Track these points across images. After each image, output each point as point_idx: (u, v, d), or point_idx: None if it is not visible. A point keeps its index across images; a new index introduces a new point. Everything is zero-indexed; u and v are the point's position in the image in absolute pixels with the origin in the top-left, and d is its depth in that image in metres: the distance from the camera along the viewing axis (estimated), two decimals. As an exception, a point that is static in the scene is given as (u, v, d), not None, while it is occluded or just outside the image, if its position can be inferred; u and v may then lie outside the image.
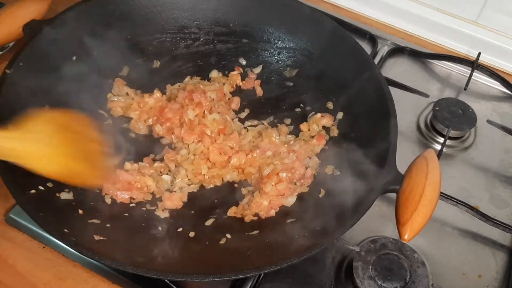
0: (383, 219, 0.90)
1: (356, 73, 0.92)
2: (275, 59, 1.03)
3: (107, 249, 0.70)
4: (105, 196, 0.82)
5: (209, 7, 1.03)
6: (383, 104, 0.84)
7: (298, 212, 0.83)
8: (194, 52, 1.03)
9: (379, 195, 0.74)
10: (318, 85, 0.98)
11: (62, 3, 0.95)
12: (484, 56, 1.17)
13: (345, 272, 0.82)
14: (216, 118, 0.92)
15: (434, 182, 0.73)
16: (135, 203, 0.83)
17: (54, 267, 0.79)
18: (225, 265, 0.72)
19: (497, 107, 1.12)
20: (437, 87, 1.15)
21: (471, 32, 1.19)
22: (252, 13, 1.02)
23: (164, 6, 1.01)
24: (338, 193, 0.83)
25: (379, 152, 0.79)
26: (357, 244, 0.82)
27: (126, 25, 0.98)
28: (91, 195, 0.81)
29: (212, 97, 0.95)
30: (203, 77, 1.01)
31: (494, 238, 0.90)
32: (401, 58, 1.19)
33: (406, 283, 0.78)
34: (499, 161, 1.02)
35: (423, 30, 1.24)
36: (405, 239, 0.70)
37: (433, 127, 1.05)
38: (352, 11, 1.27)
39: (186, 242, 0.78)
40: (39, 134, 0.71)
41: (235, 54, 1.04)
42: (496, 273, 0.86)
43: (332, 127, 0.93)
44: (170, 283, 0.76)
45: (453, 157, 1.02)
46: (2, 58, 1.02)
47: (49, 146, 0.72)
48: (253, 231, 0.80)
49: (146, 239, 0.78)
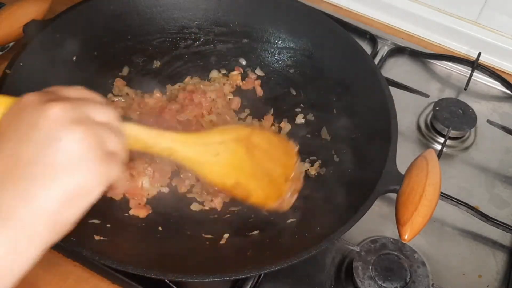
0: (383, 219, 0.90)
1: (356, 73, 0.92)
2: (275, 59, 1.03)
3: (107, 249, 0.70)
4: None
5: (209, 7, 1.03)
6: (383, 104, 0.84)
7: (298, 212, 0.83)
8: (194, 52, 1.03)
9: (379, 195, 0.74)
10: (318, 85, 0.98)
11: (62, 3, 0.95)
12: (484, 56, 1.16)
13: (345, 272, 0.82)
14: (213, 119, 0.92)
15: (434, 182, 0.73)
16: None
17: (54, 267, 0.79)
18: (225, 265, 0.72)
19: (497, 107, 1.12)
20: (437, 87, 1.15)
21: (471, 32, 1.19)
22: (252, 13, 1.02)
23: (164, 6, 1.01)
24: (338, 193, 0.83)
25: (379, 152, 0.79)
26: (357, 244, 0.82)
27: (126, 25, 0.98)
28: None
29: (212, 97, 0.95)
30: (203, 77, 1.01)
31: (494, 238, 0.90)
32: (401, 58, 1.19)
33: (406, 283, 0.78)
34: (499, 161, 1.02)
35: (423, 30, 1.24)
36: (405, 239, 0.70)
37: (433, 127, 1.05)
38: (352, 11, 1.27)
39: (186, 242, 0.79)
40: (222, 145, 0.67)
41: (235, 54, 1.04)
42: (496, 273, 0.86)
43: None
44: (170, 283, 0.76)
45: (453, 157, 1.02)
46: (2, 58, 1.02)
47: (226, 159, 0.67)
48: (253, 231, 0.80)
49: (146, 239, 0.78)
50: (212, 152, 0.66)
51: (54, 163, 0.46)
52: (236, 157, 0.68)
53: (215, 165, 0.66)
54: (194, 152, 0.64)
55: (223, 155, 0.66)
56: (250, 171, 0.69)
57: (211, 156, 0.65)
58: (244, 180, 0.69)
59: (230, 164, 0.67)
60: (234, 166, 0.68)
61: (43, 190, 0.46)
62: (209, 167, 0.66)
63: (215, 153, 0.66)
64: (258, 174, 0.70)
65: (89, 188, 0.49)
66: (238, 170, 0.68)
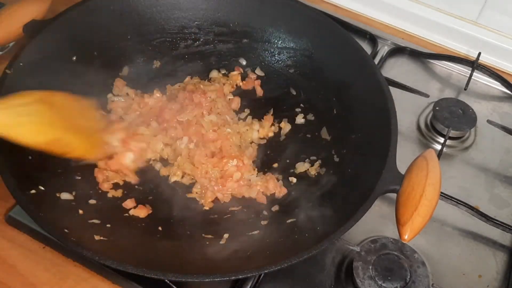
0: (383, 219, 0.90)
1: (356, 73, 0.92)
2: (275, 59, 1.03)
3: (107, 249, 0.70)
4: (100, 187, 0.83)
5: (209, 7, 1.03)
6: (383, 104, 0.84)
7: (298, 212, 0.83)
8: (194, 52, 1.03)
9: (379, 195, 0.74)
10: (318, 85, 0.98)
11: (62, 3, 0.95)
12: (484, 56, 1.16)
13: (345, 272, 0.82)
14: (213, 119, 0.92)
15: (434, 182, 0.73)
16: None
17: (54, 267, 0.79)
18: (225, 265, 0.72)
19: (497, 107, 1.12)
20: (437, 87, 1.15)
21: (471, 32, 1.19)
22: (252, 13, 1.02)
23: (164, 6, 1.01)
24: (338, 193, 0.83)
25: (379, 152, 0.79)
26: (357, 244, 0.82)
27: (126, 25, 0.98)
28: (92, 195, 0.81)
29: (212, 97, 0.95)
30: (203, 77, 1.01)
31: (494, 238, 0.90)
32: (401, 58, 1.19)
33: (406, 283, 0.78)
34: (499, 161, 1.02)
35: (423, 30, 1.24)
36: (405, 239, 0.70)
37: (433, 127, 1.05)
38: (352, 11, 1.27)
39: (186, 242, 0.79)
40: (26, 107, 0.73)
41: (235, 54, 1.04)
42: (496, 273, 0.86)
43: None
44: (170, 283, 0.76)
45: (453, 157, 1.02)
46: (2, 58, 1.02)
47: (35, 117, 0.74)
48: (253, 231, 0.80)
49: (146, 239, 0.78)
50: (22, 114, 0.72)
51: None
52: (45, 115, 0.75)
53: (29, 124, 0.72)
54: (7, 117, 0.70)
55: (33, 115, 0.73)
56: (63, 126, 0.77)
57: (23, 117, 0.72)
58: (60, 135, 0.76)
59: (42, 122, 0.74)
60: (47, 124, 0.74)
61: None
62: (24, 128, 0.72)
63: (26, 114, 0.72)
64: (71, 129, 0.78)
65: None
66: (52, 126, 0.75)
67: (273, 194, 0.87)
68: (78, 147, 0.79)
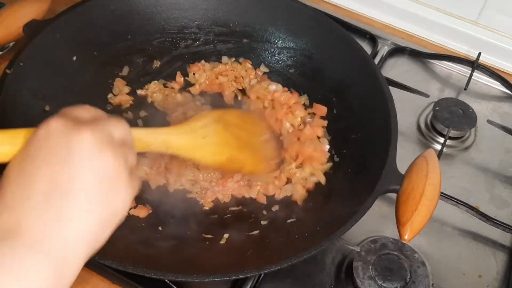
0: (383, 219, 0.90)
1: (356, 73, 0.92)
2: (275, 59, 1.03)
3: (107, 249, 0.70)
4: None
5: (209, 7, 1.03)
6: (383, 104, 0.84)
7: (298, 212, 0.83)
8: (195, 52, 1.03)
9: (379, 195, 0.73)
10: (318, 85, 0.98)
11: (62, 3, 0.95)
12: (484, 56, 1.16)
13: (345, 272, 0.82)
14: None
15: (434, 182, 0.73)
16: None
17: (54, 267, 0.79)
18: (225, 265, 0.72)
19: (497, 107, 1.12)
20: (437, 87, 1.15)
21: (471, 32, 1.19)
22: (252, 13, 1.02)
23: (164, 6, 1.01)
24: (338, 193, 0.83)
25: (379, 152, 0.79)
26: (357, 244, 0.82)
27: (126, 25, 0.98)
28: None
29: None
30: (203, 77, 1.02)
31: (494, 238, 0.90)
32: (401, 58, 1.19)
33: (406, 283, 0.78)
34: (499, 161, 1.02)
35: (423, 30, 1.23)
36: (405, 239, 0.70)
37: (433, 127, 1.05)
38: (352, 11, 1.27)
39: (186, 242, 0.78)
40: (205, 129, 0.74)
41: (235, 54, 1.04)
42: (496, 273, 0.86)
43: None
44: (170, 283, 0.76)
45: (453, 157, 1.02)
46: (2, 58, 1.02)
47: (213, 138, 0.75)
48: (253, 231, 0.80)
49: (146, 239, 0.77)
50: (200, 136, 0.73)
51: (91, 188, 0.48)
52: (220, 135, 0.76)
53: (206, 146, 0.74)
54: (186, 140, 0.71)
55: (210, 136, 0.74)
56: (236, 144, 0.78)
57: (200, 139, 0.73)
58: (234, 153, 0.78)
59: (218, 143, 0.75)
60: (221, 144, 0.76)
61: (84, 214, 0.48)
62: (202, 150, 0.73)
63: (203, 136, 0.73)
64: (242, 146, 0.80)
65: (121, 209, 0.52)
66: (226, 146, 0.77)
67: (273, 195, 0.87)
68: (250, 163, 0.81)
